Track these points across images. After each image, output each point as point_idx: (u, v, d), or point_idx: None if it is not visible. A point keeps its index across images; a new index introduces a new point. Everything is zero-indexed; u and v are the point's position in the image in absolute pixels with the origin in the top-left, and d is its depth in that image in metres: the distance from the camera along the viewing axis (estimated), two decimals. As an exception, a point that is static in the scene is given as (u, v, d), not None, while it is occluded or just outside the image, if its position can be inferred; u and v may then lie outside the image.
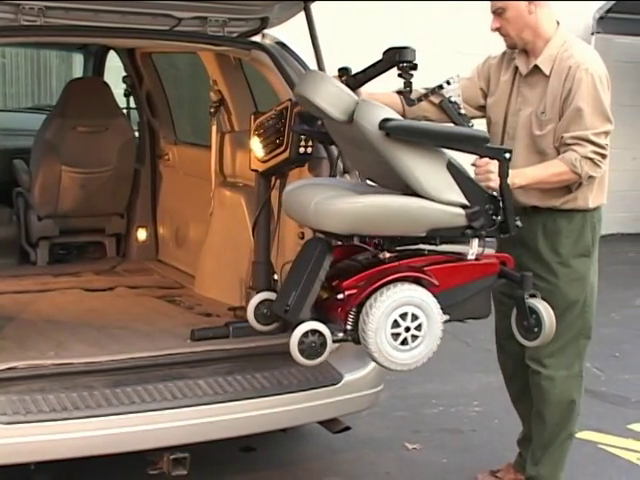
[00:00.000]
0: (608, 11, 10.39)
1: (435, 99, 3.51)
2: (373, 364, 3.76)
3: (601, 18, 10.49)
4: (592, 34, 10.55)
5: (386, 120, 3.05)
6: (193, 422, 3.44)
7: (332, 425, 3.99)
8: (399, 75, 3.31)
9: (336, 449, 4.54)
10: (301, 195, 3.38)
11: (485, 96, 3.85)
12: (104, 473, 3.89)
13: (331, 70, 3.94)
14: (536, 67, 3.64)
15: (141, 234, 5.94)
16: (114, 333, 4.14)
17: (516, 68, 3.73)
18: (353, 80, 3.51)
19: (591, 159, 3.50)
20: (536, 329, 3.35)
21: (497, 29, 3.65)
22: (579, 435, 4.81)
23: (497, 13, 3.63)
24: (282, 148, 3.82)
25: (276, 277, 4.05)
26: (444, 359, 3.31)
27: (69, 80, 6.19)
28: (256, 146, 3.98)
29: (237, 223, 4.68)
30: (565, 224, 3.66)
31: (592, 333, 3.85)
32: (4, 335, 4.04)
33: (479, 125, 3.49)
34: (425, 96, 3.45)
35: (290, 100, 3.81)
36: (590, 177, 3.54)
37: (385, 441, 4.70)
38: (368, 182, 3.65)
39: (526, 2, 3.59)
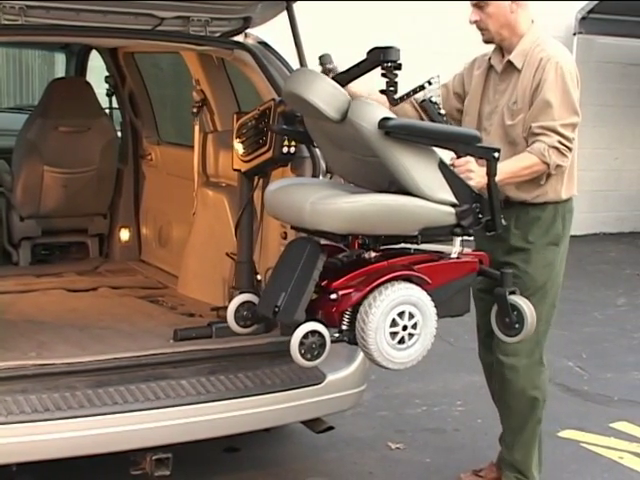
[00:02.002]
0: (590, 11, 10.45)
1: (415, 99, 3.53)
2: (356, 364, 3.77)
3: (583, 18, 10.55)
4: (574, 34, 10.61)
5: (386, 119, 3.07)
6: (176, 422, 3.44)
7: (315, 425, 3.99)
8: (383, 75, 3.32)
9: (319, 449, 4.54)
10: (289, 195, 3.37)
11: (462, 100, 3.91)
12: (87, 474, 3.88)
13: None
14: (509, 62, 3.71)
15: (124, 234, 5.92)
16: (97, 333, 4.13)
17: (490, 66, 3.80)
18: (338, 79, 3.51)
19: (557, 149, 3.55)
20: (517, 325, 3.39)
21: (475, 22, 3.70)
22: (561, 434, 4.86)
23: (478, 6, 3.67)
24: (265, 148, 3.82)
25: (259, 277, 4.05)
26: (427, 359, 3.32)
27: (51, 80, 6.16)
28: (239, 146, 3.98)
29: (220, 223, 4.67)
30: (537, 215, 3.71)
31: (552, 320, 3.92)
32: (-15, 336, 4.02)
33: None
34: (408, 95, 3.46)
35: (273, 100, 3.81)
36: (558, 166, 3.58)
37: (368, 441, 4.71)
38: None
39: (509, 2, 3.64)
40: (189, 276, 4.98)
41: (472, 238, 3.67)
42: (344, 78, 3.52)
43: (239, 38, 4.31)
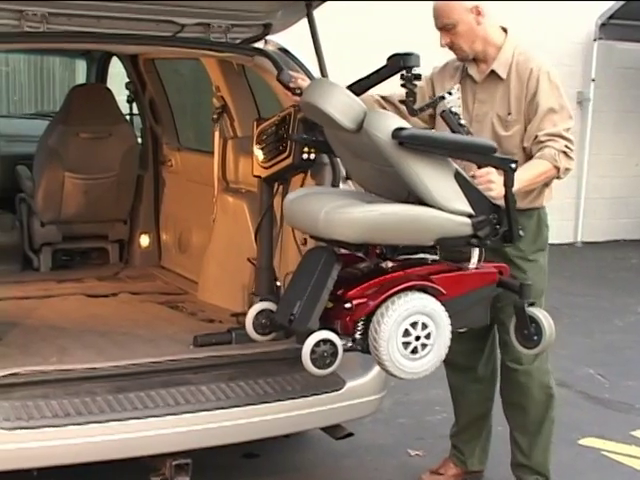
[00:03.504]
0: (610, 17, 10.41)
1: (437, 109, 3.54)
2: (376, 370, 3.76)
3: (603, 24, 10.51)
4: (594, 40, 10.58)
5: (400, 129, 3.07)
6: (196, 428, 3.44)
7: (335, 431, 3.98)
8: (402, 85, 3.32)
9: (339, 455, 4.54)
10: (306, 204, 3.38)
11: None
12: (106, 479, 3.88)
13: (333, 76, 3.96)
14: (492, 72, 3.75)
15: (144, 240, 5.94)
16: (117, 339, 4.14)
17: (466, 77, 3.83)
18: (357, 86, 3.52)
19: (565, 153, 3.63)
20: (536, 337, 3.38)
21: (447, 44, 3.74)
22: (582, 442, 4.83)
23: (446, 29, 3.71)
24: (285, 154, 3.83)
25: (279, 283, 4.05)
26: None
27: (72, 86, 6.20)
28: (259, 152, 3.98)
29: (240, 229, 4.68)
30: (525, 222, 3.70)
31: None
32: (7, 341, 4.04)
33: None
34: (427, 106, 3.47)
35: (293, 106, 3.81)
36: (566, 169, 3.65)
37: (388, 447, 4.70)
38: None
39: (474, 15, 3.69)
40: (209, 282, 4.98)
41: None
42: (364, 84, 3.52)
43: (259, 45, 4.32)
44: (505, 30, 3.81)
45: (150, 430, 3.37)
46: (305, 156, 3.78)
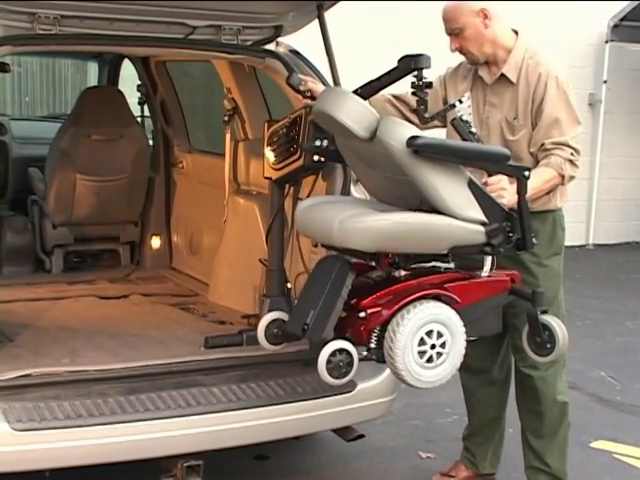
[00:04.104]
0: (622, 19, 10.39)
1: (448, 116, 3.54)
2: (386, 372, 3.75)
3: (615, 26, 10.49)
4: (606, 42, 10.56)
5: (414, 137, 3.06)
6: (207, 430, 3.45)
7: (346, 433, 3.98)
8: (413, 93, 3.32)
9: (349, 457, 4.53)
10: (319, 213, 3.38)
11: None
12: (118, 481, 3.90)
13: (342, 77, 3.97)
14: (502, 75, 3.74)
15: (155, 242, 5.96)
16: (128, 341, 4.15)
17: (477, 78, 3.82)
18: (368, 87, 3.52)
19: (571, 161, 3.63)
20: (549, 345, 3.37)
21: (457, 49, 3.75)
22: (594, 444, 4.81)
23: (455, 34, 3.72)
24: (296, 156, 3.83)
25: (289, 285, 4.05)
26: (458, 367, 3.32)
27: (84, 89, 6.22)
28: (270, 154, 3.98)
29: (251, 231, 4.68)
30: (539, 226, 3.70)
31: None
32: (19, 342, 4.05)
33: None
34: (438, 114, 3.46)
35: (304, 108, 3.81)
36: (571, 178, 3.66)
37: (399, 450, 4.69)
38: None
39: (481, 18, 3.68)
40: (220, 284, 4.99)
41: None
42: (375, 86, 3.52)
43: (271, 46, 4.32)
44: (516, 32, 3.80)
45: (161, 432, 3.37)
46: (316, 158, 3.77)
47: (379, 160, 3.24)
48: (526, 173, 3.22)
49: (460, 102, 3.33)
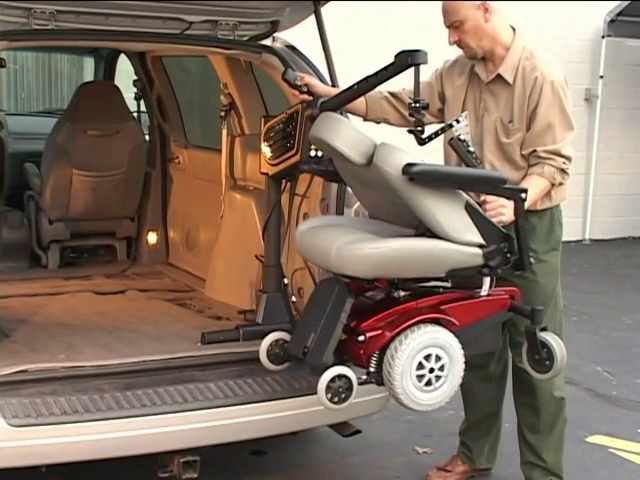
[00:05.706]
0: (619, 14, 10.38)
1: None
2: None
3: (612, 21, 10.48)
4: (603, 37, 10.55)
5: (410, 165, 3.06)
6: (204, 425, 3.45)
7: (342, 428, 3.98)
8: (410, 115, 3.31)
9: (346, 452, 4.54)
10: (317, 239, 3.38)
11: (443, 100, 3.91)
12: (115, 476, 3.89)
13: (340, 73, 3.96)
14: (499, 76, 3.72)
15: (152, 237, 5.96)
16: (125, 336, 4.15)
17: (474, 74, 3.80)
18: (364, 83, 3.51)
19: (563, 170, 3.65)
20: (547, 362, 3.39)
21: (456, 42, 3.72)
22: (590, 439, 4.82)
23: (454, 26, 3.69)
24: (293, 151, 3.83)
25: (286, 281, 4.05)
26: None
27: (80, 84, 6.21)
28: (266, 149, 3.98)
29: (247, 226, 4.68)
30: (537, 222, 3.72)
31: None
32: (15, 338, 4.05)
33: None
34: (436, 134, 3.44)
35: (301, 103, 3.81)
36: (560, 184, 3.70)
37: (395, 445, 4.69)
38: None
39: (481, 12, 3.65)
40: (216, 279, 4.99)
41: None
42: (372, 82, 3.51)
43: (267, 42, 4.32)
44: (514, 29, 3.78)
45: (158, 427, 3.38)
46: (313, 153, 3.77)
47: (377, 183, 3.24)
48: (523, 195, 3.25)
49: (457, 122, 3.31)
